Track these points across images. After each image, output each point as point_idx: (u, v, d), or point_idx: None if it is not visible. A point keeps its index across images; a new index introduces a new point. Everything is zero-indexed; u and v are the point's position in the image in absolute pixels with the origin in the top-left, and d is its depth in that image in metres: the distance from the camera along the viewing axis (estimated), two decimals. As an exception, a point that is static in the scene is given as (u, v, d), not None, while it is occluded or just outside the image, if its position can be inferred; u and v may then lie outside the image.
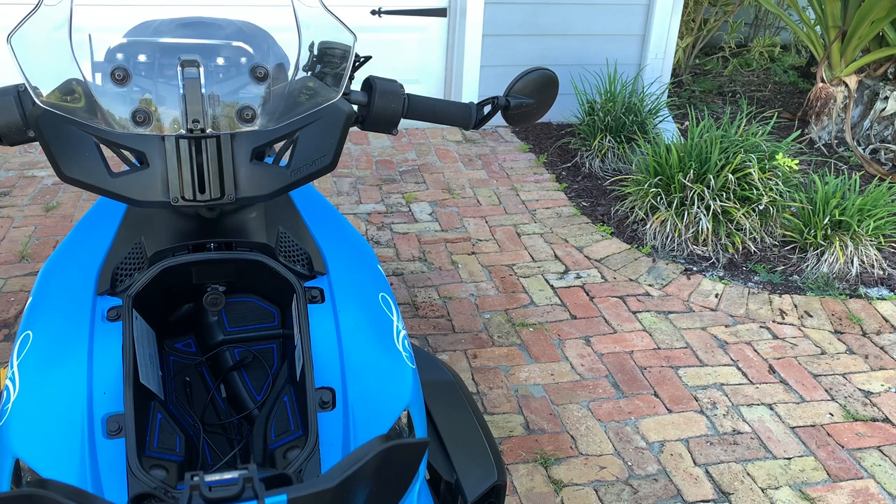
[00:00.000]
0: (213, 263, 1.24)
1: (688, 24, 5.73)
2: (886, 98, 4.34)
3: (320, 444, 1.06)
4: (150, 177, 1.19)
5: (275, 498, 0.74)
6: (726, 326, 2.97)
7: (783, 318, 3.02)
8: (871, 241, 3.28)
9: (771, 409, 2.56)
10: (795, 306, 3.07)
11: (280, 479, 0.84)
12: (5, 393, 1.14)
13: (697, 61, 6.14)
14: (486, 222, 3.65)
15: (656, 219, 3.42)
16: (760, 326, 2.98)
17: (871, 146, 4.41)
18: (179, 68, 1.18)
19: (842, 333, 2.96)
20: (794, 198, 3.38)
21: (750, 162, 3.31)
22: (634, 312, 3.03)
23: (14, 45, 1.17)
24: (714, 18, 5.87)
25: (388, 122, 1.45)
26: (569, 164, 4.26)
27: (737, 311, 3.05)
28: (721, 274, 3.29)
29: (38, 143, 1.22)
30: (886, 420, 2.53)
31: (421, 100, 1.48)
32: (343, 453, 1.09)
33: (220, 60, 1.25)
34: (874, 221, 3.26)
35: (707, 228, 3.30)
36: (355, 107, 1.43)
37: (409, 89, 4.36)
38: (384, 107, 1.43)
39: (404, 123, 4.64)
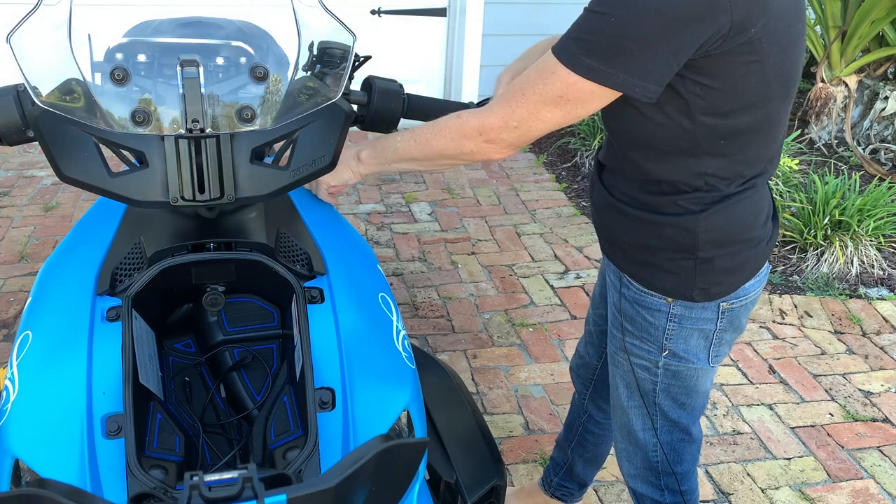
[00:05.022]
0: (213, 263, 1.24)
1: (688, 24, 5.73)
2: (886, 98, 4.34)
3: (320, 444, 1.06)
4: (150, 177, 1.19)
5: (274, 498, 0.74)
6: (726, 326, 2.97)
7: (783, 319, 3.02)
8: (871, 241, 3.28)
9: (771, 409, 2.56)
10: (795, 306, 3.07)
11: (279, 479, 0.84)
12: (5, 393, 1.14)
13: (697, 61, 6.14)
14: (486, 222, 3.65)
15: (656, 219, 3.41)
16: (760, 326, 2.98)
17: (871, 146, 4.41)
18: (179, 68, 1.18)
19: (842, 333, 2.96)
20: (794, 198, 3.38)
21: (750, 162, 3.31)
22: (634, 312, 3.03)
23: (13, 44, 1.17)
24: (714, 18, 5.86)
25: (387, 121, 1.45)
26: (569, 164, 4.26)
27: (737, 311, 3.05)
28: (721, 274, 3.28)
29: (37, 142, 1.22)
30: (886, 420, 2.53)
31: (420, 99, 1.48)
32: (343, 453, 1.09)
33: (220, 60, 1.25)
34: (874, 221, 3.26)
35: (707, 228, 3.30)
36: (355, 106, 1.43)
37: (409, 89, 4.36)
38: (384, 106, 1.43)
39: (404, 123, 4.64)
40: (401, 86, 1.45)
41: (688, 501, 1.58)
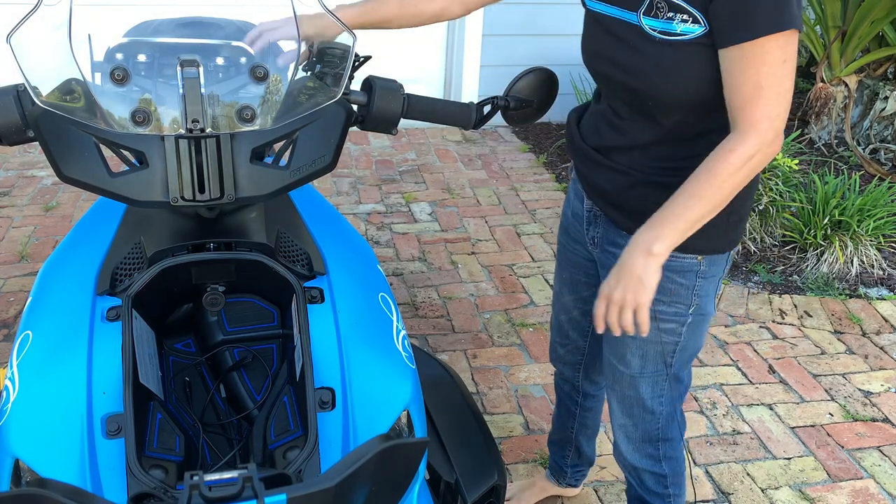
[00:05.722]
0: (213, 263, 1.24)
1: (688, 24, 5.73)
2: (886, 98, 4.34)
3: (320, 444, 1.06)
4: (150, 177, 1.19)
5: (274, 497, 0.74)
6: (726, 326, 2.97)
7: (783, 318, 3.02)
8: (870, 241, 3.28)
9: (771, 409, 2.56)
10: (795, 306, 3.07)
11: (279, 479, 0.85)
12: (5, 393, 1.14)
13: (697, 61, 6.13)
14: (486, 222, 3.65)
15: (656, 219, 3.41)
16: (760, 326, 2.98)
17: (870, 146, 4.41)
18: (179, 68, 1.18)
19: (842, 333, 2.96)
20: (794, 198, 3.38)
21: (750, 162, 3.30)
22: (634, 312, 3.03)
23: (13, 44, 1.17)
24: (714, 18, 5.86)
25: (387, 121, 1.45)
26: (569, 164, 4.26)
27: (737, 312, 3.05)
28: (721, 274, 3.28)
29: (37, 142, 1.22)
30: (886, 420, 2.53)
31: (421, 100, 1.48)
32: (343, 453, 1.10)
33: (220, 60, 1.26)
34: (874, 221, 3.26)
35: (707, 228, 3.29)
36: (355, 107, 1.43)
37: (409, 89, 4.36)
38: (384, 107, 1.42)
39: (404, 123, 4.64)
40: (401, 86, 1.45)
41: (679, 469, 1.65)
